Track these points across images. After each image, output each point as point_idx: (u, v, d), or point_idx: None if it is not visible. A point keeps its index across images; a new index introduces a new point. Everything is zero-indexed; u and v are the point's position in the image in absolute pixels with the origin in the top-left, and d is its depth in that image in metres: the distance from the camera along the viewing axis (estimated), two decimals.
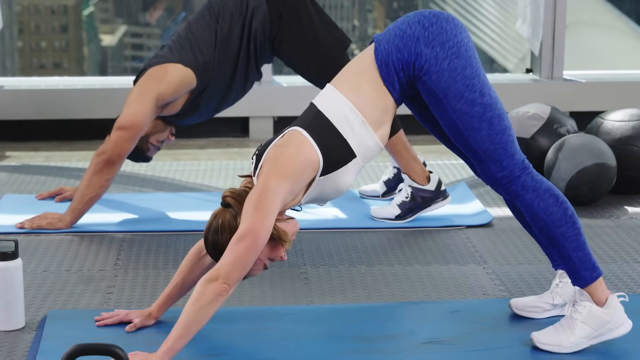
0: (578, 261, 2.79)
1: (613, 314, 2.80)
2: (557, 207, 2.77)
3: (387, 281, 3.42)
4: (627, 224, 4.05)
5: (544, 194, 2.77)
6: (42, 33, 7.75)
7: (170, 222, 4.05)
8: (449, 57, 2.71)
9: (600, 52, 8.79)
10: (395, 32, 2.75)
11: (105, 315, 2.99)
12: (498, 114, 2.75)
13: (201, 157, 5.29)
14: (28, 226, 3.89)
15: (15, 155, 5.31)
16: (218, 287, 2.60)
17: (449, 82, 2.71)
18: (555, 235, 2.78)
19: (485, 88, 2.74)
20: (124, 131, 3.85)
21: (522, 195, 2.77)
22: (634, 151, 4.38)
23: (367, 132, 2.75)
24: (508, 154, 2.76)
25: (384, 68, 2.74)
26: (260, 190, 2.65)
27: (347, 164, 2.76)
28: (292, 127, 2.77)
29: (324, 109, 2.76)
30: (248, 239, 2.61)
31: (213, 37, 3.92)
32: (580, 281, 2.80)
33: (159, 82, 3.86)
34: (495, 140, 2.74)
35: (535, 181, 2.78)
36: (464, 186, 4.49)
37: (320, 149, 2.72)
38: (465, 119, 2.73)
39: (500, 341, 2.89)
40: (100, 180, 3.88)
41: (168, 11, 7.88)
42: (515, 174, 2.77)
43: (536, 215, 2.78)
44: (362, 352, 2.81)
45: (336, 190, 2.79)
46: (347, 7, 8.14)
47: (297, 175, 2.69)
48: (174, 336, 2.60)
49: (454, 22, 2.77)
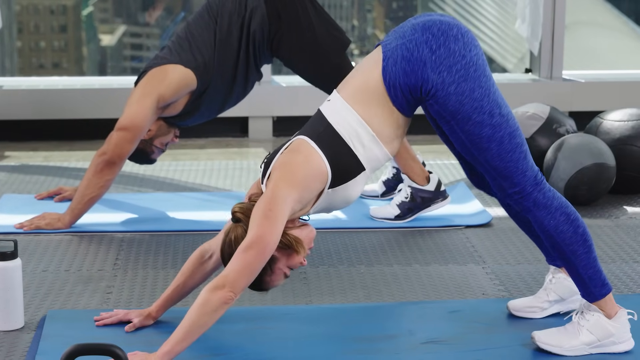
0: (588, 279, 2.78)
1: (620, 328, 2.80)
2: (568, 224, 2.76)
3: (387, 281, 3.42)
4: (627, 224, 4.05)
5: (555, 211, 2.75)
6: (41, 33, 7.75)
7: (170, 222, 4.05)
8: (456, 82, 2.67)
9: (600, 52, 8.79)
10: (402, 53, 2.70)
11: (105, 315, 2.99)
12: (509, 132, 2.71)
13: (200, 157, 5.29)
14: (27, 226, 3.89)
15: (14, 155, 5.31)
16: (224, 295, 2.59)
17: (457, 105, 2.68)
18: (565, 253, 2.77)
19: (495, 107, 2.70)
20: (125, 132, 3.85)
21: (534, 211, 2.75)
22: (633, 151, 4.38)
23: (376, 146, 2.74)
24: (519, 171, 2.73)
25: (392, 90, 2.71)
26: (269, 198, 2.64)
27: (356, 177, 2.75)
28: (301, 136, 2.75)
29: (334, 122, 2.73)
30: (255, 248, 2.60)
31: (212, 38, 3.92)
32: (590, 297, 2.80)
33: (160, 83, 3.86)
34: (505, 159, 2.71)
35: (547, 198, 2.75)
36: (463, 186, 4.49)
37: (329, 161, 2.70)
38: (474, 139, 2.70)
39: (499, 341, 2.89)
40: (101, 181, 3.87)
41: (167, 11, 7.88)
42: (526, 190, 2.74)
43: (547, 232, 2.77)
44: (362, 352, 2.81)
45: (345, 201, 2.78)
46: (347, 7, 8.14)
47: (306, 184, 2.68)
48: (175, 339, 2.60)
49: (463, 39, 2.70)
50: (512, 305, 3.07)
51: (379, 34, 8.54)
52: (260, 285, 2.74)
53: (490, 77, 2.72)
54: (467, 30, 2.74)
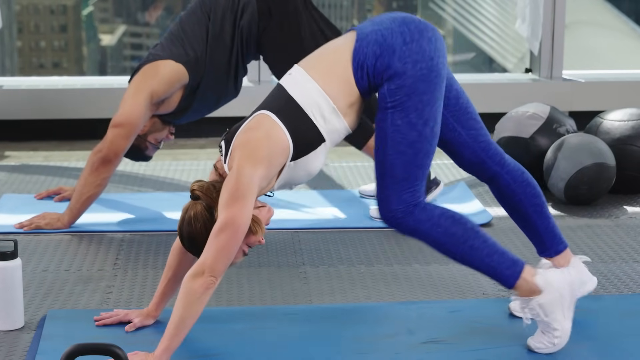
0: (497, 264, 2.77)
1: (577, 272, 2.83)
2: (456, 225, 2.76)
3: (387, 281, 3.42)
4: (627, 224, 4.05)
5: (438, 219, 2.75)
6: (41, 33, 7.75)
7: (170, 221, 4.05)
8: (415, 77, 2.70)
9: (600, 52, 8.79)
10: (376, 37, 2.75)
11: (105, 315, 2.99)
12: (427, 150, 2.73)
13: (200, 156, 5.29)
14: (27, 226, 3.89)
15: (14, 154, 5.31)
16: (205, 281, 2.60)
17: (404, 98, 2.71)
18: (465, 253, 2.77)
19: (432, 120, 2.72)
20: (119, 129, 3.85)
21: (419, 228, 2.76)
22: (633, 151, 4.38)
23: (337, 118, 2.76)
24: (412, 190, 2.74)
25: (358, 71, 2.75)
26: (234, 179, 2.64)
27: (317, 149, 2.76)
28: (262, 110, 2.77)
29: (295, 94, 2.75)
30: (229, 230, 2.60)
31: (204, 34, 3.93)
32: (510, 280, 2.78)
33: (152, 79, 3.87)
34: (408, 171, 2.73)
35: (426, 210, 2.76)
36: (463, 186, 4.49)
37: (290, 134, 2.71)
38: (397, 137, 2.72)
39: (499, 341, 2.89)
40: (97, 179, 3.87)
41: (167, 11, 7.88)
42: (409, 209, 2.74)
43: (438, 241, 2.77)
44: (361, 351, 2.81)
45: (307, 173, 2.79)
46: (347, 7, 8.14)
47: (270, 159, 2.69)
48: (169, 335, 2.61)
49: (435, 44, 2.75)
50: (514, 306, 3.07)
51: None
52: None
53: (442, 93, 2.75)
54: (441, 38, 2.79)
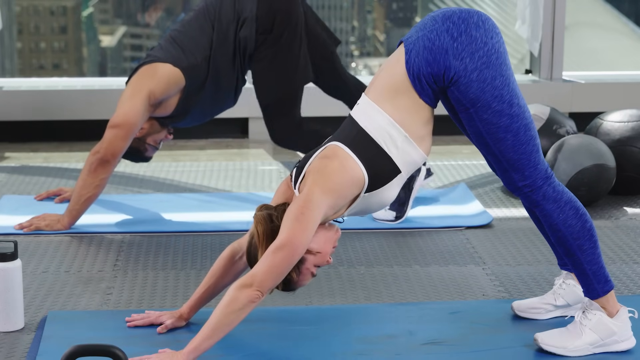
0: (592, 274, 2.78)
1: (621, 326, 2.81)
2: (576, 219, 2.76)
3: (387, 282, 3.42)
4: (627, 225, 4.06)
5: (564, 205, 2.75)
6: (41, 34, 7.76)
7: (170, 223, 4.05)
8: (478, 69, 2.66)
9: (600, 53, 8.80)
10: (424, 44, 2.69)
11: (136, 316, 2.96)
12: (525, 124, 2.71)
13: (201, 158, 5.29)
14: (27, 227, 3.89)
15: (14, 156, 5.31)
16: (251, 294, 2.60)
17: (478, 93, 2.67)
18: (572, 247, 2.77)
19: (514, 98, 2.69)
20: (117, 129, 3.85)
21: (543, 205, 2.75)
22: (633, 152, 4.38)
23: (410, 146, 2.72)
24: (531, 164, 2.73)
25: (417, 83, 2.70)
26: (302, 202, 2.64)
27: (392, 180, 2.74)
28: (334, 142, 2.74)
29: (366, 126, 2.72)
30: (285, 250, 2.61)
31: (207, 41, 3.95)
32: (592, 293, 2.81)
33: (150, 80, 3.88)
34: (519, 151, 2.71)
35: (556, 192, 2.75)
36: (463, 187, 4.49)
37: (365, 166, 2.69)
38: (492, 129, 2.70)
39: (499, 342, 2.89)
40: (96, 180, 3.87)
41: (167, 12, 7.88)
42: (537, 183, 2.74)
43: (554, 226, 2.77)
44: (361, 353, 2.81)
45: (380, 204, 2.77)
46: (347, 8, 8.15)
47: (341, 191, 2.68)
48: (202, 336, 2.60)
49: (484, 26, 2.69)
50: (517, 305, 3.07)
51: (379, 35, 8.54)
52: (289, 285, 2.75)
53: (510, 66, 2.72)
54: (487, 18, 2.73)
